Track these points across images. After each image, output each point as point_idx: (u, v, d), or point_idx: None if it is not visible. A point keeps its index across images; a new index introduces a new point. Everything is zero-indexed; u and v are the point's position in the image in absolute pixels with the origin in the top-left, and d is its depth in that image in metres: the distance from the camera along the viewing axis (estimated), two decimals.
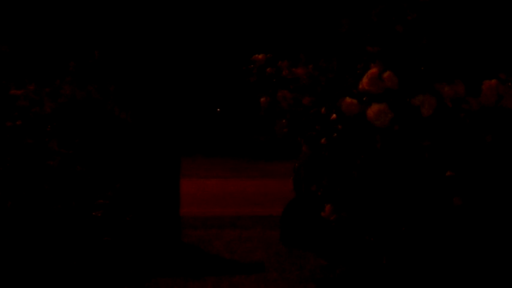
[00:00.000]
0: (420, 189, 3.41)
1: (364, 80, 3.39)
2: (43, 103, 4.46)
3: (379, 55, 3.51)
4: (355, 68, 3.65)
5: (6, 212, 4.18)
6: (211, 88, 19.30)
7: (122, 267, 4.61)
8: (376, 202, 3.48)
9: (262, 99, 4.23)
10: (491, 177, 3.41)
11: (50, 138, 4.38)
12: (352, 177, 3.55)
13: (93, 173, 4.46)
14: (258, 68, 4.34)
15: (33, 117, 4.40)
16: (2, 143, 4.27)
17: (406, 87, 3.41)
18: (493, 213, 3.41)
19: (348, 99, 3.46)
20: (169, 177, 5.45)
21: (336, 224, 3.64)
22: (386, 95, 3.38)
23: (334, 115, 3.65)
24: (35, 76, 4.61)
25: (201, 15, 16.74)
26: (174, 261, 5.05)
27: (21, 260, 4.21)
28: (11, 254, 4.19)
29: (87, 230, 4.35)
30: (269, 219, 6.81)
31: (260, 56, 4.33)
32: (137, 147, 5.26)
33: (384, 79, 3.36)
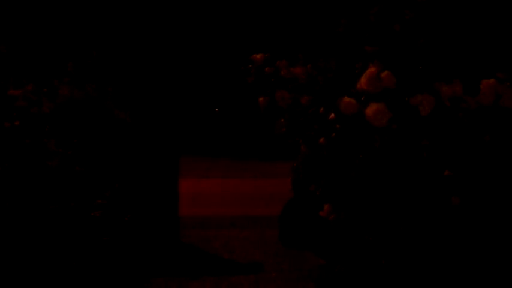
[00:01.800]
0: (419, 188, 3.41)
1: (362, 79, 3.39)
2: (41, 103, 4.46)
3: (377, 54, 3.51)
4: (353, 67, 3.65)
5: (4, 213, 4.17)
6: (209, 88, 19.29)
7: (120, 267, 4.61)
8: (374, 202, 3.48)
9: (260, 99, 4.22)
10: (489, 176, 3.41)
11: (48, 138, 4.38)
12: (351, 177, 3.55)
13: (92, 173, 4.46)
14: (256, 67, 4.33)
15: (31, 117, 4.40)
16: (1, 144, 4.27)
17: (404, 86, 3.41)
18: (492, 212, 3.41)
19: (346, 99, 3.46)
20: (168, 177, 5.45)
21: (334, 223, 3.64)
22: (384, 94, 3.38)
23: (332, 115, 3.65)
24: (33, 76, 4.61)
25: (200, 14, 16.74)
26: (172, 261, 5.05)
27: (20, 261, 4.20)
28: (10, 254, 4.19)
29: (86, 230, 4.35)
30: (268, 219, 6.80)
31: (258, 56, 4.32)
32: (136, 147, 5.26)
33: (382, 79, 3.36)
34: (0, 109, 4.36)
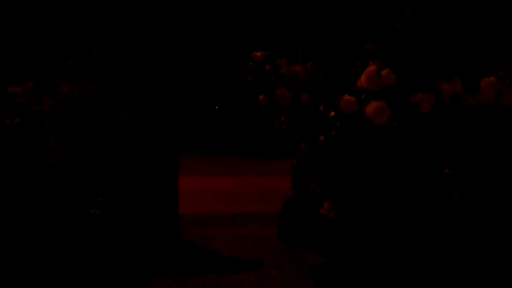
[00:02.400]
0: (419, 186, 3.42)
1: (363, 77, 3.39)
2: (41, 101, 4.46)
3: (377, 53, 3.51)
4: (353, 65, 3.65)
5: (4, 211, 4.17)
6: (209, 86, 19.30)
7: (120, 265, 4.61)
8: (374, 199, 3.48)
9: (260, 97, 4.22)
10: (489, 174, 3.41)
11: (48, 136, 4.38)
12: (351, 175, 3.55)
13: (92, 170, 4.46)
14: (257, 65, 4.33)
15: (31, 115, 4.40)
16: (1, 141, 4.27)
17: (404, 84, 3.41)
18: (492, 210, 3.41)
19: (346, 97, 3.46)
20: (167, 175, 5.45)
21: (334, 221, 3.64)
22: (384, 92, 3.38)
23: (332, 112, 3.65)
24: (33, 74, 4.61)
25: (200, 12, 16.74)
26: (172, 259, 5.05)
27: (20, 259, 4.21)
28: (10, 253, 4.19)
29: (86, 228, 4.35)
30: (268, 216, 6.80)
31: (258, 54, 4.32)
32: (135, 145, 5.26)
33: (382, 77, 3.36)
34: (0, 106, 4.37)
